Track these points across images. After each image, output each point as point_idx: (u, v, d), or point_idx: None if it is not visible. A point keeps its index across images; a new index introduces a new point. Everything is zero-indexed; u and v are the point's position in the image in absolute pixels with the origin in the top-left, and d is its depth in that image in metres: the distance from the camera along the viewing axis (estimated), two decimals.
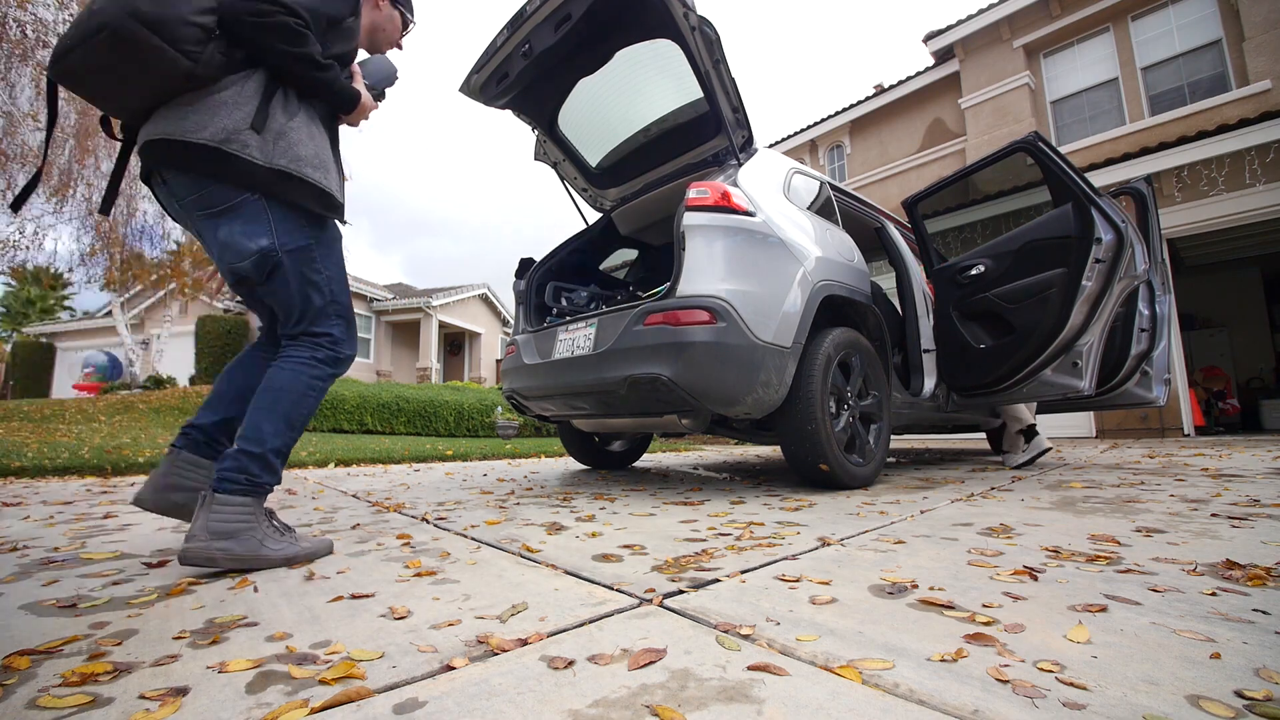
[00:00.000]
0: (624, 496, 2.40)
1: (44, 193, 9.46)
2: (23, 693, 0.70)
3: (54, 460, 3.62)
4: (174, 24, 1.15)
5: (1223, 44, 7.18)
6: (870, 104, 10.55)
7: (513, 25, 2.52)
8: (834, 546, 1.40)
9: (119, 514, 2.09)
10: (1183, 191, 6.72)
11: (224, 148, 1.23)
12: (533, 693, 0.68)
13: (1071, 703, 0.64)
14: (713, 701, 0.65)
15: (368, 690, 0.69)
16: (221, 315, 15.49)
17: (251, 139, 1.25)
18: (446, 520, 1.91)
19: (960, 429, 4.15)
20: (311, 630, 0.90)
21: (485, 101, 2.89)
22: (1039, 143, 2.76)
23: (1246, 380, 9.16)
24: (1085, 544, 1.38)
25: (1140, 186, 3.47)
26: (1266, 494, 2.08)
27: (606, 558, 1.33)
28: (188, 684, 0.71)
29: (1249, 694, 0.65)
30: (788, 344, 2.23)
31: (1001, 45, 8.81)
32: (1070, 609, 0.93)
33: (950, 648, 0.78)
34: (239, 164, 1.24)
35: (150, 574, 1.26)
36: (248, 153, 1.24)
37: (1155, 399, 3.60)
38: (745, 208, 2.30)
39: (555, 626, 0.89)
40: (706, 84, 2.36)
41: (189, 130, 1.22)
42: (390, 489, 2.84)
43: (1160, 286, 3.46)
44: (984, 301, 2.94)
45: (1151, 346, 3.56)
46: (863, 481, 2.47)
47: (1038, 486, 2.49)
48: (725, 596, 1.03)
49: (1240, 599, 0.97)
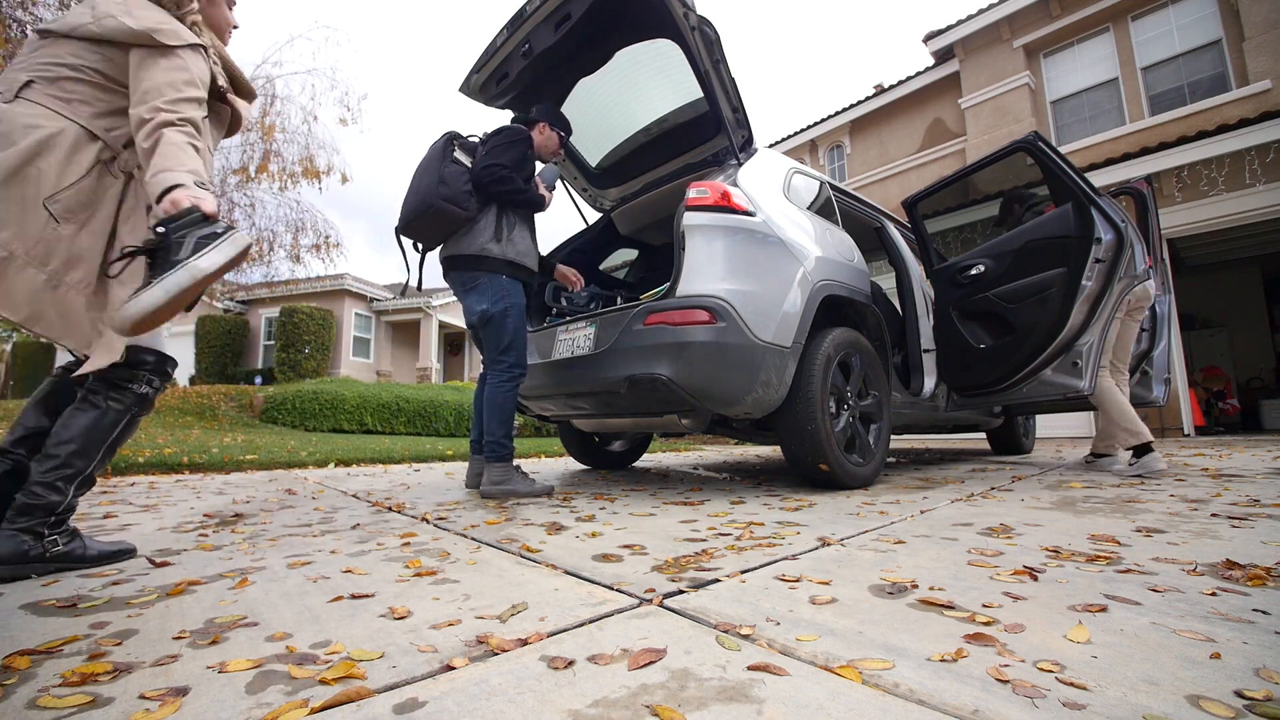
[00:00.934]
0: (624, 496, 2.40)
1: None
2: (23, 693, 0.70)
3: None
4: (461, 197, 2.26)
5: (1223, 44, 7.18)
6: (870, 104, 10.54)
7: (513, 25, 2.52)
8: (834, 546, 1.40)
9: (119, 514, 2.09)
10: (1183, 191, 6.72)
11: (480, 254, 2.31)
12: (533, 693, 0.68)
13: (1071, 703, 0.64)
14: (713, 701, 0.65)
15: (368, 690, 0.69)
16: (221, 315, 15.50)
17: (494, 246, 2.31)
18: (446, 520, 1.91)
19: (960, 429, 4.15)
20: (311, 630, 0.90)
21: (485, 101, 2.89)
22: (1039, 142, 2.75)
23: (1246, 380, 9.15)
24: (1085, 544, 1.38)
25: (1140, 187, 3.48)
26: (1266, 494, 2.08)
27: (606, 558, 1.33)
28: (188, 684, 0.71)
29: (1249, 694, 0.65)
30: (788, 344, 2.23)
31: (1001, 45, 8.80)
32: (1070, 609, 0.93)
33: (950, 648, 0.78)
34: (488, 261, 2.32)
35: (150, 574, 1.26)
36: (491, 254, 2.31)
37: (1155, 399, 3.61)
38: (745, 207, 2.30)
39: (555, 626, 0.89)
40: (706, 84, 2.36)
41: (464, 249, 2.32)
42: (390, 489, 2.84)
43: (1160, 286, 3.46)
44: (984, 301, 2.94)
45: (1151, 346, 3.57)
46: (863, 481, 2.47)
47: (1038, 486, 2.49)
48: (725, 596, 1.03)
49: (1240, 599, 0.97)
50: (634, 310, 2.28)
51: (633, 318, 2.26)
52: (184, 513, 2.14)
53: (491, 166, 2.29)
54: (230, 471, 3.96)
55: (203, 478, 3.54)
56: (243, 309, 16.45)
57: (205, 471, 3.89)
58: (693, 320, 2.11)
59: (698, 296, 2.14)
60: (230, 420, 8.09)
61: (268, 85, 10.84)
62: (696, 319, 2.11)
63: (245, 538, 1.66)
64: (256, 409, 8.65)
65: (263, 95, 10.68)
